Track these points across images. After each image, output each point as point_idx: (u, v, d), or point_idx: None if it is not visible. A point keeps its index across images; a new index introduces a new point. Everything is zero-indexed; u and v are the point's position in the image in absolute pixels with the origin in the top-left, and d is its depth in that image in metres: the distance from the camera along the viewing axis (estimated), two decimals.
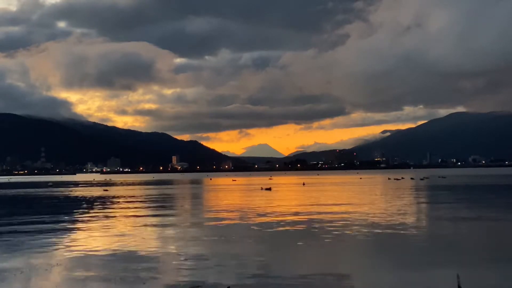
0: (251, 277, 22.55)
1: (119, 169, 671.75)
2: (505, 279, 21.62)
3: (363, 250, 29.76)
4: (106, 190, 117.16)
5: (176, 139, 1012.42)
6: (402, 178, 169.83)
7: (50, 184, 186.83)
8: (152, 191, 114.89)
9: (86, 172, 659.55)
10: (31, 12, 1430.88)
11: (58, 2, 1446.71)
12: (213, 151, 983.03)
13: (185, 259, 26.84)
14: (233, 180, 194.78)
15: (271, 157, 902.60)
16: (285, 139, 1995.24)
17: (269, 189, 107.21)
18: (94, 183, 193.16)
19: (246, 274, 23.12)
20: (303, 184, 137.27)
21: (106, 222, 46.38)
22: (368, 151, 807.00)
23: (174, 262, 26.24)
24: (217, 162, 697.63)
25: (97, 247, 31.49)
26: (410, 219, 43.81)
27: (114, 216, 51.91)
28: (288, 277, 22.32)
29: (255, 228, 39.70)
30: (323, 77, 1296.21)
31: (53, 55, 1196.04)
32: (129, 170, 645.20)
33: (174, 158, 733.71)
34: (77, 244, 32.79)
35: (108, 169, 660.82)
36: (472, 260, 25.44)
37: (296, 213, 50.94)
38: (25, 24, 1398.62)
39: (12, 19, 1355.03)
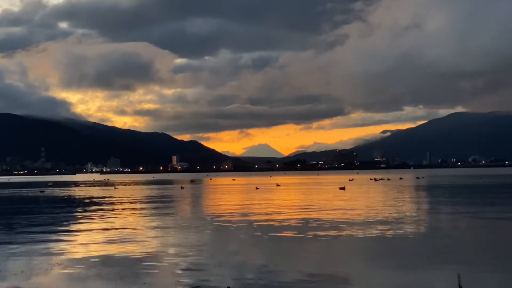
0: (251, 277, 22.54)
1: (119, 169, 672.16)
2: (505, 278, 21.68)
3: (363, 250, 29.78)
4: (42, 192, 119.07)
5: (176, 139, 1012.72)
6: (375, 179, 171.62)
7: (50, 184, 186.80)
8: (148, 191, 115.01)
9: (86, 172, 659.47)
10: (34, 12, 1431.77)
11: (60, 3, 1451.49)
12: (213, 151, 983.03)
13: (185, 259, 26.87)
14: (191, 181, 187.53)
15: (271, 157, 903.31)
16: (285, 139, 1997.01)
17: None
18: (93, 183, 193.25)
19: (245, 274, 23.14)
20: (277, 185, 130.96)
21: (105, 222, 46.46)
22: (368, 151, 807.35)
23: (174, 263, 26.26)
24: (217, 162, 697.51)
25: (97, 247, 31.48)
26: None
27: (113, 217, 52.00)
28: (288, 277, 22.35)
29: (252, 227, 39.82)
30: (322, 77, 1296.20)
31: (53, 55, 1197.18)
32: (129, 170, 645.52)
33: (174, 158, 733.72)
34: (77, 244, 32.86)
35: (108, 169, 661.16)
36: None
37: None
38: (27, 24, 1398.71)
39: (14, 19, 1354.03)
